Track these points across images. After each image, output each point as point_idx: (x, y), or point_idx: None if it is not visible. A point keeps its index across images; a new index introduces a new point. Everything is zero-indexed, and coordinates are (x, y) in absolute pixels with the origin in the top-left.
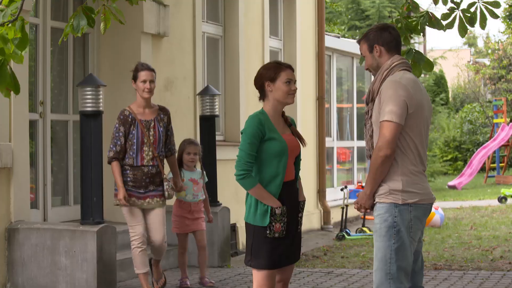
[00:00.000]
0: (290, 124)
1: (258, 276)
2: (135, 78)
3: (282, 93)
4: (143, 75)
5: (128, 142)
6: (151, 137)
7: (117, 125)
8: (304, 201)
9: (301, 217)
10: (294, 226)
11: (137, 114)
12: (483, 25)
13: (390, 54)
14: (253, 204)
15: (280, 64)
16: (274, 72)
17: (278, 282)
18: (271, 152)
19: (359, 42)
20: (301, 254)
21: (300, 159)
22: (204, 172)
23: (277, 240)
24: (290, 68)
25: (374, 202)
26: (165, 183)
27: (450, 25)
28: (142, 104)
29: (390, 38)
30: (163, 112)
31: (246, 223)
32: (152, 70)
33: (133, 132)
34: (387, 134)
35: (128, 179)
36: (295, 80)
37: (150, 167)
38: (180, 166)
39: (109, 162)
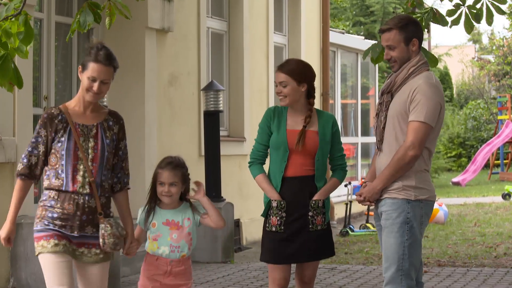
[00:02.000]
0: (305, 125)
1: (269, 270)
2: (84, 66)
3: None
4: (94, 69)
5: (53, 155)
6: (90, 151)
7: (37, 127)
8: (316, 200)
9: (312, 216)
10: (299, 224)
11: (72, 115)
12: (489, 21)
13: (419, 50)
14: (264, 195)
15: (279, 65)
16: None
17: (297, 280)
18: (271, 145)
19: (387, 30)
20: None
21: (321, 159)
22: (194, 209)
23: (275, 234)
24: (278, 69)
25: (382, 198)
26: (101, 225)
27: (456, 22)
28: (82, 102)
29: (422, 34)
30: (113, 118)
31: None
32: (112, 66)
33: (63, 140)
34: (420, 135)
35: (55, 214)
36: (282, 82)
37: (87, 197)
38: (154, 201)
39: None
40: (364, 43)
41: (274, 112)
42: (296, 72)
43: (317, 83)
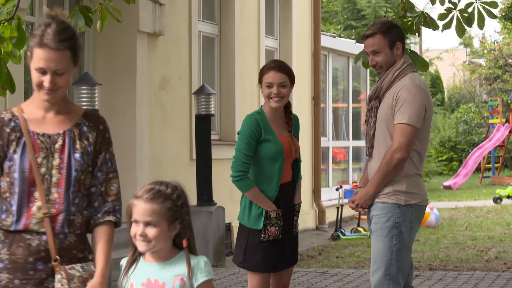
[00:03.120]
0: (290, 129)
1: (252, 279)
2: (30, 53)
3: (264, 96)
4: (40, 57)
5: (4, 179)
6: (54, 171)
7: None
8: (299, 204)
9: (296, 220)
10: (289, 229)
11: (28, 121)
12: (481, 25)
13: (403, 53)
14: (248, 205)
15: (267, 66)
16: (260, 74)
17: (278, 286)
18: (266, 154)
19: (371, 35)
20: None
21: (300, 161)
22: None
23: (272, 244)
24: (275, 69)
25: (373, 202)
26: (57, 276)
27: (447, 26)
28: (40, 103)
29: (405, 38)
30: (89, 122)
31: (240, 224)
32: (67, 48)
33: (15, 157)
34: (406, 138)
35: (1, 263)
36: (282, 82)
37: (44, 237)
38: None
39: None
40: (355, 47)
41: (257, 120)
42: (291, 72)
43: (308, 87)
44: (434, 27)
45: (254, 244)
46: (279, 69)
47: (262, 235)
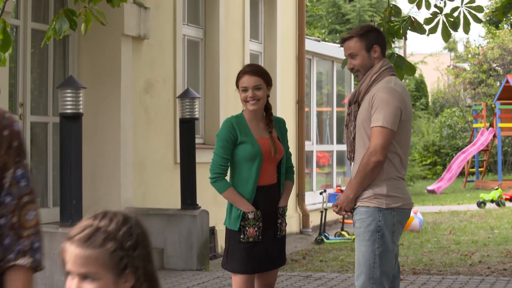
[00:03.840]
0: (271, 131)
1: (235, 280)
2: None
3: (241, 100)
4: None
5: None
6: None
7: None
8: (284, 207)
9: (280, 223)
10: (272, 232)
11: None
12: (466, 30)
13: (382, 57)
14: (229, 207)
15: (242, 71)
16: (236, 80)
17: (263, 287)
18: (243, 156)
19: (348, 38)
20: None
21: (291, 166)
22: None
23: (252, 245)
24: (249, 73)
25: (356, 206)
26: None
27: (433, 30)
28: None
29: (385, 41)
30: None
31: (225, 227)
32: None
33: None
34: (381, 140)
35: None
36: (257, 85)
37: None
38: None
39: None
40: (339, 51)
41: (235, 123)
42: (266, 74)
43: (293, 91)
44: (421, 31)
45: (234, 246)
46: (253, 73)
47: (241, 236)
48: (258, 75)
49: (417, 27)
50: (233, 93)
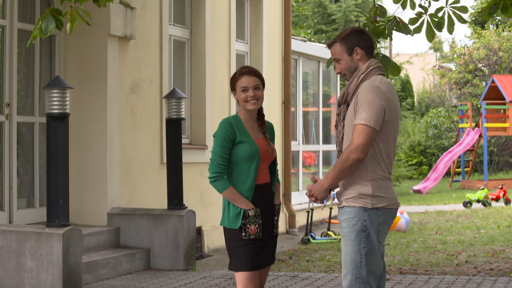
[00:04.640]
0: (264, 131)
1: (241, 279)
2: None
3: (240, 100)
4: None
5: None
6: None
7: None
8: (279, 204)
9: (276, 220)
10: (269, 229)
11: None
12: (450, 30)
13: (367, 58)
14: (226, 206)
15: (238, 72)
16: (233, 82)
17: None
18: (242, 155)
19: (331, 44)
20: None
21: (276, 164)
22: None
23: (253, 242)
24: (248, 74)
25: (341, 206)
26: None
27: (417, 30)
28: None
29: (369, 42)
30: None
31: (223, 228)
32: None
33: None
34: (362, 138)
35: None
36: (256, 85)
37: None
38: None
39: None
40: (325, 51)
41: (232, 123)
42: (262, 76)
43: (279, 91)
44: (407, 31)
45: (236, 244)
46: (252, 73)
47: (243, 234)
48: (256, 75)
49: (403, 27)
50: (220, 93)
